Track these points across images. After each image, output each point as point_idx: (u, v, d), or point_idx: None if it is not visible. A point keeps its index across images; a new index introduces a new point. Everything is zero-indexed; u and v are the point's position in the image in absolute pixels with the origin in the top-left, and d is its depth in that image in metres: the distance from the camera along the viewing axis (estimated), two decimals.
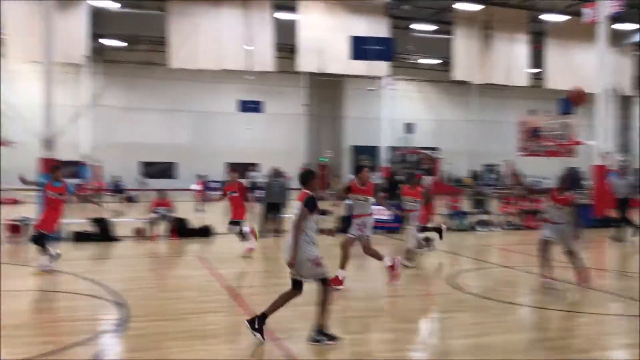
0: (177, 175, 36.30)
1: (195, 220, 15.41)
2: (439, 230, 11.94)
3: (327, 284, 5.90)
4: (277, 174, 15.77)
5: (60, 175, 9.97)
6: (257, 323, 5.80)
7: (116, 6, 26.01)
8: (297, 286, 5.91)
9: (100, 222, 13.66)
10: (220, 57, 22.56)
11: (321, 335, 5.80)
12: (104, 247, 12.88)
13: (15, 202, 22.31)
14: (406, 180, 12.45)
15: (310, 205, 5.78)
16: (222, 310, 7.39)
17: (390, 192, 16.52)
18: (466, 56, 25.61)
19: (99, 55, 32.27)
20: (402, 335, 6.51)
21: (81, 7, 21.10)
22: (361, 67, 23.08)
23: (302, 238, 5.76)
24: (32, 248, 12.49)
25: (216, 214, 14.31)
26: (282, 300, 5.98)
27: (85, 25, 21.26)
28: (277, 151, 34.85)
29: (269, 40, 22.74)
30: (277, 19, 23.38)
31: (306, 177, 6.09)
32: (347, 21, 23.07)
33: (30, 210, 14.48)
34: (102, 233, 13.46)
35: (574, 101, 13.34)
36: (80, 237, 13.37)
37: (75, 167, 27.96)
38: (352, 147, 38.45)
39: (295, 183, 7.82)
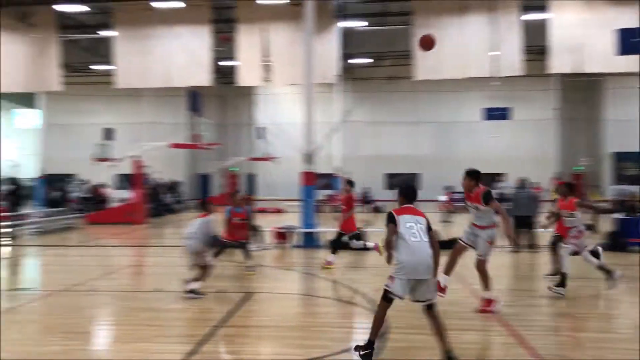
0: (421, 186, 36.67)
1: (442, 231, 15.24)
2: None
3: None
4: (524, 184, 14.83)
5: (240, 201, 10.80)
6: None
7: (363, 25, 27.31)
8: (390, 300, 5.69)
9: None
10: (465, 65, 22.15)
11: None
12: (358, 255, 13.46)
13: (279, 211, 24.73)
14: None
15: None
16: (481, 329, 7.07)
17: None
18: None
19: (348, 74, 34.30)
20: None
21: (333, 30, 22.61)
22: (626, 63, 20.56)
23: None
24: (296, 253, 13.73)
25: (463, 226, 13.98)
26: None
27: (337, 47, 22.72)
28: (525, 160, 33.07)
29: (516, 44, 21.62)
30: (524, 21, 22.15)
31: (414, 193, 6.05)
32: (609, 14, 20.80)
33: (293, 219, 15.88)
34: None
35: (423, 47, 10.39)
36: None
37: (328, 179, 30.07)
38: (613, 154, 34.50)
39: (542, 194, 7.16)
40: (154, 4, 21.72)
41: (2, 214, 17.72)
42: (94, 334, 7.05)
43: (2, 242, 15.70)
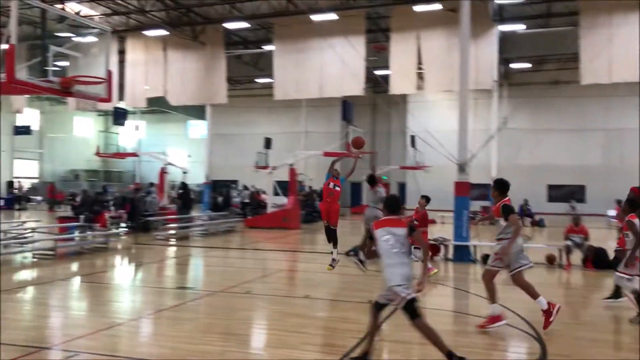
0: (586, 199, 33.83)
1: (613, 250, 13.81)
2: None
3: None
4: None
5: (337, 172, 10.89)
6: None
7: (523, 28, 25.90)
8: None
9: None
10: None
11: None
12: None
13: (431, 222, 24.06)
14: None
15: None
16: None
17: None
18: None
19: (507, 79, 32.76)
20: None
21: (491, 34, 21.69)
22: None
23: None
24: (447, 267, 13.28)
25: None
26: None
27: (495, 51, 21.77)
28: None
29: None
30: None
31: (395, 205, 6.07)
32: None
33: (446, 231, 15.39)
34: None
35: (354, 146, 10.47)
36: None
37: (484, 190, 28.85)
38: None
39: None
40: (312, 17, 22.43)
41: (172, 216, 19.38)
42: (246, 336, 7.29)
43: (171, 242, 17.12)
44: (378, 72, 26.48)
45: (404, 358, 6.45)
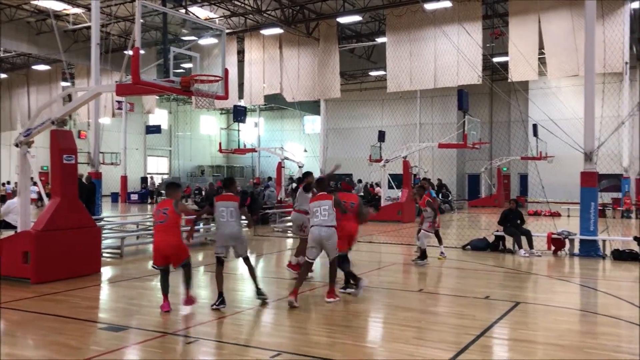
0: None
1: None
2: None
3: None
4: None
5: None
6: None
7: None
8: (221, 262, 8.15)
9: None
10: None
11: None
12: None
13: (555, 215, 22.78)
14: None
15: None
16: None
17: None
18: None
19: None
20: None
21: (622, 12, 20.02)
22: None
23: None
24: (573, 263, 12.49)
25: None
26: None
27: (627, 31, 20.09)
28: None
29: None
30: None
31: (230, 183, 8.31)
32: None
33: (571, 224, 14.48)
34: None
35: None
36: (621, 256, 12.60)
37: (615, 180, 26.84)
38: None
39: None
40: (425, 6, 21.98)
41: (290, 209, 19.88)
42: (358, 329, 7.28)
43: (289, 234, 17.59)
44: (496, 59, 25.47)
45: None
